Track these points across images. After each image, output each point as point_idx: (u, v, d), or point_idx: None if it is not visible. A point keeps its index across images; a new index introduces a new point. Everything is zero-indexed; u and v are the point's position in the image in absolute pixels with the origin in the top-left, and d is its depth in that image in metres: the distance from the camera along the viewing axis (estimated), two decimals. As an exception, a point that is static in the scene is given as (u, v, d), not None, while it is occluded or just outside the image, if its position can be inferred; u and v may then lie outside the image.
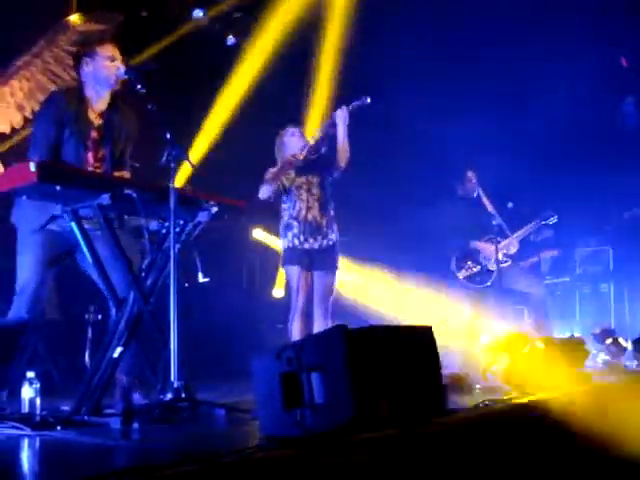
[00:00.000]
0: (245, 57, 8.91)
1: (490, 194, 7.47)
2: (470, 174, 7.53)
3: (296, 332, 5.50)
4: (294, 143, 5.79)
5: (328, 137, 5.73)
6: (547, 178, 8.44)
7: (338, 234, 5.78)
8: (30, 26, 7.72)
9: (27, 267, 4.23)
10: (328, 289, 5.70)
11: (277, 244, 5.84)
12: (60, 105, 4.32)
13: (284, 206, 5.75)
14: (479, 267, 7.41)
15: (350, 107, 5.61)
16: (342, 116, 5.62)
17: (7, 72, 7.88)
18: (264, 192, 5.61)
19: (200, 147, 8.77)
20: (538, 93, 8.52)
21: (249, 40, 9.06)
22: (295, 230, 5.63)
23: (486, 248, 7.35)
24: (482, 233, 7.38)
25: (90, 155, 4.38)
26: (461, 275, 7.43)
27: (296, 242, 5.62)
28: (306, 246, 5.62)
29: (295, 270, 5.60)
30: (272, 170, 5.72)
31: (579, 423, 3.79)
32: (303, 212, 5.64)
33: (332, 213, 5.76)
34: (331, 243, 5.71)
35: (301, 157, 5.63)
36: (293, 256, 5.63)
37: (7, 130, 7.90)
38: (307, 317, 5.63)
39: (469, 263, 7.45)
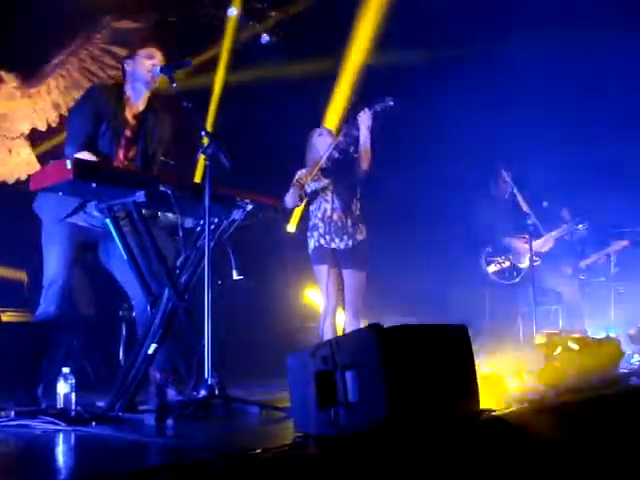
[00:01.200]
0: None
1: (524, 193, 7.39)
2: (504, 173, 7.47)
3: (328, 331, 5.51)
4: (322, 143, 5.79)
5: (353, 138, 5.71)
6: (582, 177, 8.34)
7: (366, 233, 5.76)
8: (66, 25, 7.79)
9: (53, 261, 4.25)
10: (357, 288, 5.70)
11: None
12: (98, 100, 4.34)
13: (311, 208, 5.78)
14: (509, 263, 7.35)
15: (372, 110, 5.59)
16: (364, 119, 5.61)
17: (44, 70, 7.98)
18: (289, 198, 5.63)
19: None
20: (570, 90, 8.43)
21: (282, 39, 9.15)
22: (321, 230, 5.65)
23: (519, 245, 7.28)
24: (515, 232, 7.32)
25: (121, 153, 4.40)
26: (490, 269, 7.37)
27: (322, 242, 5.65)
28: (332, 245, 5.65)
29: (323, 269, 5.61)
30: (300, 172, 5.74)
31: (613, 424, 3.75)
32: (328, 213, 5.67)
33: (358, 213, 5.75)
34: (357, 242, 5.71)
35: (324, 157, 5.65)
36: (320, 256, 5.66)
37: (43, 127, 8.00)
38: (339, 316, 5.65)
39: (499, 258, 7.39)
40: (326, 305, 5.62)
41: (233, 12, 8.73)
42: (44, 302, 4.25)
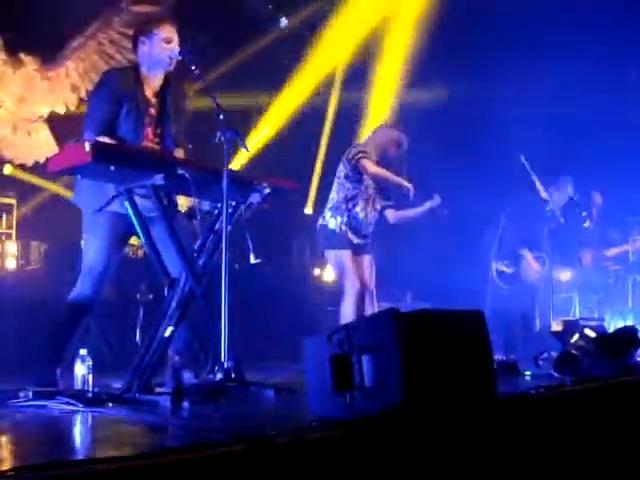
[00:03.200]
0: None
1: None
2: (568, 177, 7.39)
3: (349, 314, 5.46)
4: (395, 154, 5.77)
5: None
6: (599, 168, 8.29)
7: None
8: (85, 8, 7.80)
9: (93, 248, 4.26)
10: (374, 273, 5.74)
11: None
12: (116, 83, 4.33)
13: (348, 189, 5.69)
14: (513, 269, 7.31)
15: (427, 208, 5.70)
16: (419, 210, 5.75)
17: (63, 54, 7.99)
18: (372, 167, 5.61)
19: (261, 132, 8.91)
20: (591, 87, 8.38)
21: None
22: (345, 219, 5.61)
23: (531, 264, 7.22)
24: (535, 247, 7.24)
25: (149, 131, 4.40)
26: (495, 265, 7.33)
27: (344, 228, 5.60)
28: (350, 236, 5.62)
29: (347, 253, 5.58)
30: (377, 167, 5.66)
31: (629, 413, 3.74)
32: (361, 214, 5.64)
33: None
34: (371, 230, 5.76)
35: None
36: (344, 241, 5.61)
37: (62, 110, 8.03)
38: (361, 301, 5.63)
39: (507, 262, 7.34)
40: (351, 288, 5.57)
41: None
42: (81, 285, 4.26)
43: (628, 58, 8.59)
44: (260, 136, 8.97)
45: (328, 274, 8.66)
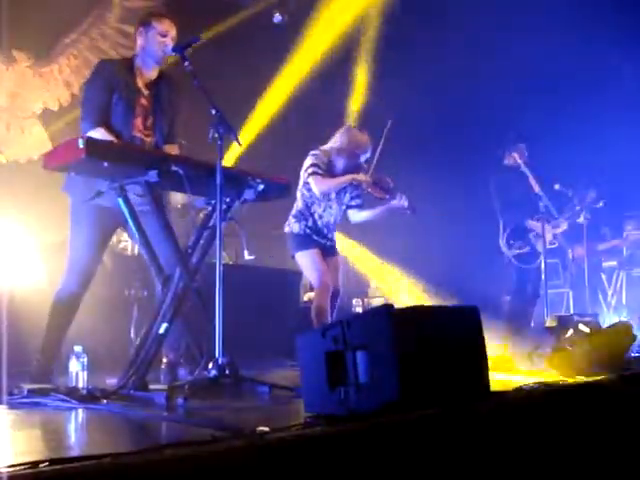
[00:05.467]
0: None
1: (537, 175, 7.33)
2: (522, 146, 7.38)
3: (324, 310, 5.47)
4: (355, 158, 5.75)
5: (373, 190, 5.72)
6: (593, 159, 8.30)
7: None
8: (78, 3, 7.78)
9: (79, 242, 4.27)
10: (340, 274, 5.83)
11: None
12: (108, 71, 4.35)
13: (309, 197, 5.67)
14: (529, 248, 7.30)
15: (410, 210, 5.70)
16: (377, 211, 5.79)
17: (55, 49, 7.97)
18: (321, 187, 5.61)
19: (252, 127, 8.88)
20: (588, 72, 8.39)
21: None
22: (309, 223, 5.64)
23: (537, 227, 7.21)
24: (532, 211, 7.24)
25: (139, 121, 4.40)
26: (510, 253, 7.31)
27: (307, 231, 5.63)
28: (314, 237, 5.67)
29: (316, 251, 5.60)
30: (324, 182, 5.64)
31: (623, 408, 3.75)
32: (321, 220, 5.68)
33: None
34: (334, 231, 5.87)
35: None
36: (310, 241, 5.63)
37: (55, 107, 8.01)
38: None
39: (520, 242, 7.33)
40: (325, 284, 5.58)
41: None
42: (67, 279, 4.28)
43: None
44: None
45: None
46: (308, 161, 5.62)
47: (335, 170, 5.67)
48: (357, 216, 5.88)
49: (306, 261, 5.64)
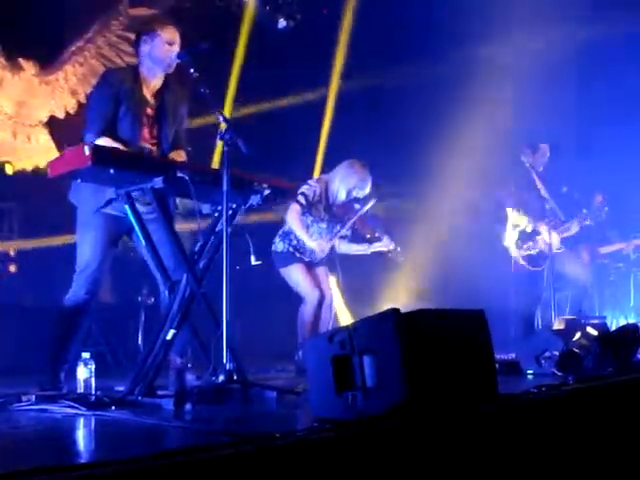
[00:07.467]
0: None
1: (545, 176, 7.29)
2: (544, 146, 7.33)
3: (307, 321, 5.92)
4: (345, 197, 6.01)
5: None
6: (600, 162, 8.28)
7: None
8: (83, 11, 7.80)
9: (87, 249, 4.28)
10: (329, 280, 6.12)
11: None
12: (115, 82, 4.34)
13: (306, 223, 5.89)
14: (537, 250, 7.27)
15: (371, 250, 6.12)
16: (362, 249, 6.15)
17: (61, 57, 8.00)
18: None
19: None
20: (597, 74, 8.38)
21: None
22: (294, 243, 5.90)
23: (545, 231, 7.18)
24: (540, 214, 7.19)
25: (146, 131, 4.40)
26: (518, 254, 7.28)
27: (290, 250, 5.92)
28: (297, 255, 5.95)
29: (298, 265, 5.91)
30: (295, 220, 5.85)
31: (631, 411, 3.74)
32: (310, 245, 5.88)
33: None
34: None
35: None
36: (292, 257, 5.92)
37: (61, 115, 8.03)
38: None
39: (530, 244, 7.29)
40: (310, 295, 5.87)
41: None
42: (75, 286, 4.29)
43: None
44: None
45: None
46: (301, 189, 5.85)
47: (333, 199, 5.98)
48: (344, 247, 6.12)
49: (289, 276, 5.97)
